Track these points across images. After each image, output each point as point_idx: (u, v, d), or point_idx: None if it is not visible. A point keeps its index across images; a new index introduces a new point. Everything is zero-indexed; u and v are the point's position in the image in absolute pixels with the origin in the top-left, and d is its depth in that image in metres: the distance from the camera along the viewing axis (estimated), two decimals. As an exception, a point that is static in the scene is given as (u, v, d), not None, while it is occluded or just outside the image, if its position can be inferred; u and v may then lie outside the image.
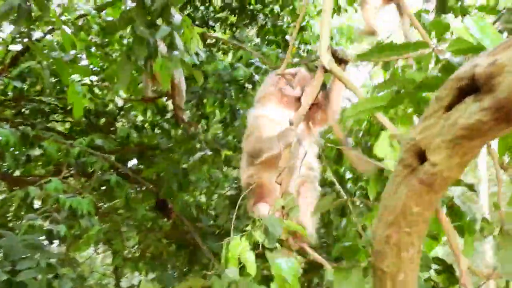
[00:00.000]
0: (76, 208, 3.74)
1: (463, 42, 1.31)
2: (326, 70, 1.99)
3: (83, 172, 4.75)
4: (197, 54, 3.61)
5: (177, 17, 3.24)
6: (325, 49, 1.96)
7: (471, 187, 2.23)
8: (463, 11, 3.65)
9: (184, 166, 4.55)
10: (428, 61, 1.55)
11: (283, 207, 2.12)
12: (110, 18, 4.67)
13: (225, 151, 4.33)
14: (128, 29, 3.90)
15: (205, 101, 4.50)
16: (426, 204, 1.25)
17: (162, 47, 3.29)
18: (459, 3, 3.61)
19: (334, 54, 2.06)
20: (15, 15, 3.11)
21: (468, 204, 2.13)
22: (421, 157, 1.18)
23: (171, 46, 3.23)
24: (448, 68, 1.35)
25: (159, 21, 3.23)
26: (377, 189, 2.11)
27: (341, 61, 2.15)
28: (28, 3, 3.15)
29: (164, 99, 4.78)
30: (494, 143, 1.76)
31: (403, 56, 1.44)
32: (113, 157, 4.45)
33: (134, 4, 3.15)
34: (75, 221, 3.81)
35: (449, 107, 1.08)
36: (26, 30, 3.85)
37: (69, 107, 5.14)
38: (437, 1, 3.51)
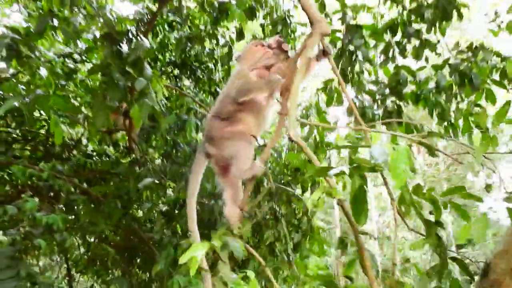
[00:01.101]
0: (52, 224, 4.63)
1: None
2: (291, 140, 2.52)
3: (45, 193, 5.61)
4: (166, 98, 4.47)
5: (148, 70, 3.91)
6: (293, 126, 2.49)
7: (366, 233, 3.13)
8: (360, 84, 5.14)
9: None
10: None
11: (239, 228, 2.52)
12: (71, 65, 5.62)
13: (168, 181, 5.38)
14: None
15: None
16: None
17: None
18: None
19: None
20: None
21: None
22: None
23: (144, 94, 3.81)
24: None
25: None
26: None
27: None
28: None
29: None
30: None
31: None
32: (76, 180, 5.38)
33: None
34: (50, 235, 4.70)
35: None
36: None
37: (29, 137, 5.96)
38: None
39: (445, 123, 5.19)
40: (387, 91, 5.22)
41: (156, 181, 5.18)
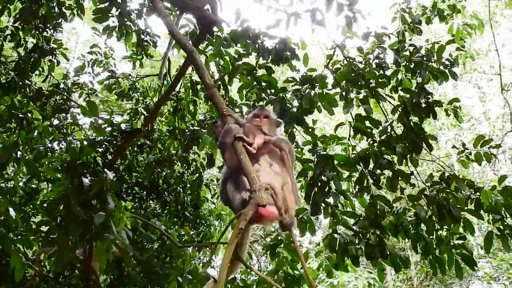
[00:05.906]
0: None
1: None
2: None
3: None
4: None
5: (112, 204, 3.63)
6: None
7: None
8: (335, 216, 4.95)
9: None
10: None
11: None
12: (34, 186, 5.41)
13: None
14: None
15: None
16: None
17: None
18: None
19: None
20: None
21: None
22: None
23: (105, 228, 3.52)
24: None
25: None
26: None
27: None
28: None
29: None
30: None
31: None
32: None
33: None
34: None
35: None
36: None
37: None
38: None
39: (430, 257, 4.98)
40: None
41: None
